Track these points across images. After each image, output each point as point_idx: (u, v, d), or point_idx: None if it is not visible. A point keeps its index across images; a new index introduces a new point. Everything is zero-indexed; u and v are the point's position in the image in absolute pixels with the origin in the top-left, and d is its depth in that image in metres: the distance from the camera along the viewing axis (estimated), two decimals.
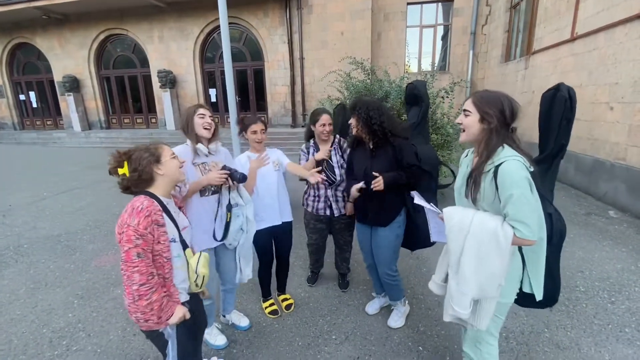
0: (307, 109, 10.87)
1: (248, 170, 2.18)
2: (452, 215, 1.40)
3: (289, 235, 2.49)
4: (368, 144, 2.15)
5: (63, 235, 4.10)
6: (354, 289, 2.83)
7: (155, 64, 11.69)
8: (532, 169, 1.29)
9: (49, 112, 13.84)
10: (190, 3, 10.60)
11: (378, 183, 1.96)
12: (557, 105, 1.45)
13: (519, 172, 1.24)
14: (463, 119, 1.40)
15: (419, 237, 2.16)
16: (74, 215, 4.80)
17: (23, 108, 14.07)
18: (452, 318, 1.45)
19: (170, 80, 11.44)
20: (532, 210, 1.24)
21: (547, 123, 1.50)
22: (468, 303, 1.36)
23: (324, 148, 2.47)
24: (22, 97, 13.83)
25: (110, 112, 13.20)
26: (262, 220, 2.27)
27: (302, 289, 2.86)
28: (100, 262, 3.41)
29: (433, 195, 2.16)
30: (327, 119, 2.43)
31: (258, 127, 2.20)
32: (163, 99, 11.71)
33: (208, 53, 11.65)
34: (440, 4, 10.43)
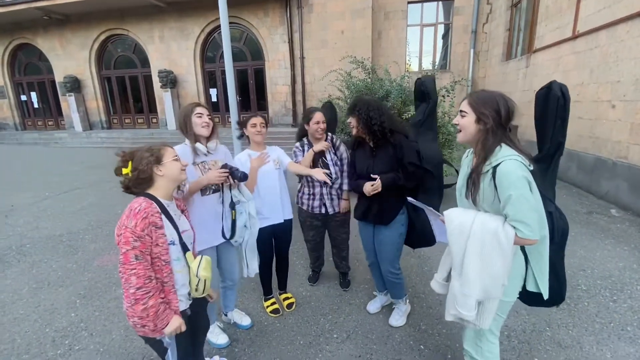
0: None
1: (249, 169, 2.18)
2: (452, 219, 1.40)
3: (289, 233, 2.51)
4: (369, 144, 2.15)
5: (65, 235, 4.11)
6: (355, 288, 2.83)
7: (156, 64, 11.71)
8: (531, 168, 1.28)
9: (51, 112, 13.88)
10: (191, 3, 10.60)
11: (375, 185, 1.97)
12: (550, 104, 1.44)
13: (517, 172, 1.23)
14: (460, 120, 1.40)
15: (419, 235, 2.18)
16: (76, 215, 4.82)
17: (24, 108, 14.11)
18: (453, 318, 1.45)
19: (171, 80, 11.45)
20: (531, 210, 1.24)
21: (542, 122, 1.50)
22: (473, 305, 1.35)
23: (321, 142, 2.47)
24: (23, 97, 13.87)
25: (112, 112, 13.22)
26: (264, 219, 2.29)
27: (303, 288, 2.86)
28: (102, 261, 3.43)
29: (438, 195, 2.15)
30: (320, 117, 2.44)
31: (257, 120, 2.21)
32: (164, 99, 11.73)
33: (209, 53, 11.66)
34: (441, 3, 10.40)
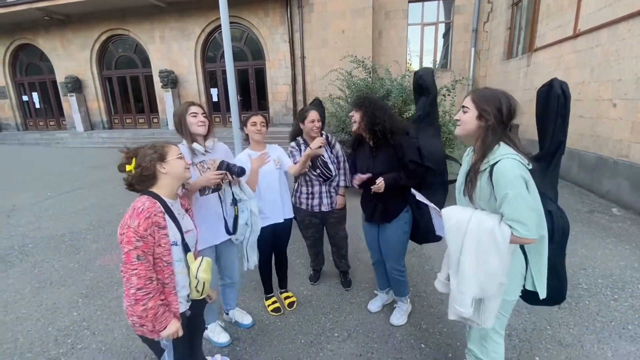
0: None
1: (249, 170, 2.19)
2: (450, 216, 1.40)
3: (289, 231, 2.52)
4: (368, 143, 2.14)
5: (67, 235, 4.13)
6: (356, 287, 2.83)
7: (157, 64, 11.72)
8: (530, 167, 1.27)
9: (52, 112, 13.91)
10: (191, 3, 10.60)
11: (378, 185, 1.97)
12: (551, 102, 1.43)
13: (514, 170, 1.23)
14: (461, 115, 1.40)
15: (424, 233, 2.17)
16: (78, 215, 4.83)
17: (26, 109, 14.14)
18: (456, 317, 1.45)
19: (172, 80, 11.47)
20: (528, 209, 1.23)
21: (543, 120, 1.49)
22: (469, 302, 1.36)
23: (317, 139, 2.40)
24: (25, 98, 13.90)
25: (113, 112, 13.24)
26: (265, 218, 2.29)
27: (304, 287, 2.87)
28: (104, 261, 3.44)
29: (442, 191, 2.14)
30: (315, 115, 2.44)
31: (257, 118, 2.22)
32: (165, 99, 11.74)
33: (209, 53, 11.67)
34: (442, 2, 10.38)
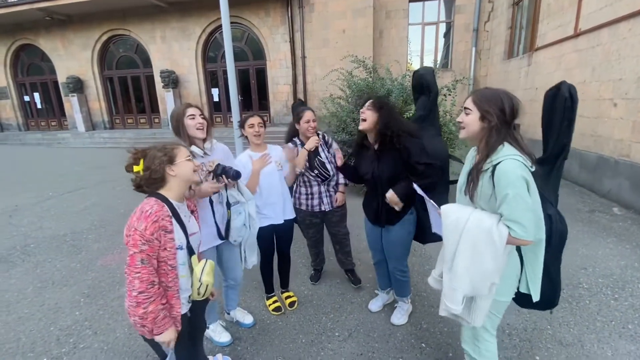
0: None
1: (250, 171, 2.19)
2: (449, 214, 1.41)
3: (291, 232, 2.52)
4: (373, 146, 2.09)
5: (69, 235, 4.14)
6: (357, 287, 2.83)
7: (158, 64, 11.73)
8: (532, 169, 1.27)
9: (53, 112, 13.95)
10: (192, 3, 10.61)
11: (395, 203, 1.97)
12: (558, 105, 1.43)
13: (516, 171, 1.23)
14: (464, 117, 1.40)
15: (428, 231, 2.15)
16: (80, 215, 4.85)
17: (27, 109, 14.19)
18: (447, 313, 1.46)
19: (173, 80, 11.49)
20: (527, 210, 1.23)
21: (549, 123, 1.49)
22: (460, 299, 1.37)
23: (311, 139, 2.42)
24: (26, 98, 13.95)
25: (114, 112, 13.28)
26: (265, 218, 2.30)
27: (305, 287, 2.88)
28: (106, 261, 3.45)
29: (445, 191, 2.14)
30: (310, 115, 2.43)
31: (255, 120, 2.19)
32: (166, 99, 11.77)
33: (210, 53, 11.68)
34: (442, 1, 10.37)
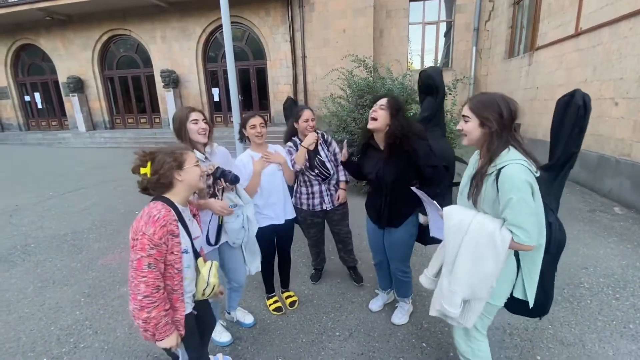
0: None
1: (251, 170, 2.18)
2: (452, 216, 1.40)
3: (291, 232, 2.52)
4: (379, 146, 2.04)
5: (69, 235, 4.14)
6: (357, 286, 2.83)
7: (158, 64, 11.73)
8: (537, 174, 1.26)
9: (54, 112, 13.94)
10: (192, 3, 10.60)
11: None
12: (570, 112, 1.42)
13: (520, 176, 1.22)
14: (463, 125, 1.39)
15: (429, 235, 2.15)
16: (80, 215, 4.85)
17: (28, 109, 14.18)
18: (438, 313, 1.46)
19: (173, 80, 11.48)
20: (531, 215, 1.22)
21: (558, 130, 1.47)
22: (459, 302, 1.36)
23: (309, 136, 2.40)
24: (27, 98, 13.94)
25: (114, 112, 13.27)
26: (266, 218, 2.29)
27: (305, 287, 2.87)
28: (106, 260, 3.45)
29: (450, 193, 2.12)
30: (309, 114, 2.42)
31: (257, 120, 2.16)
32: (166, 99, 11.75)
33: (210, 52, 11.67)
34: (443, 1, 10.35)
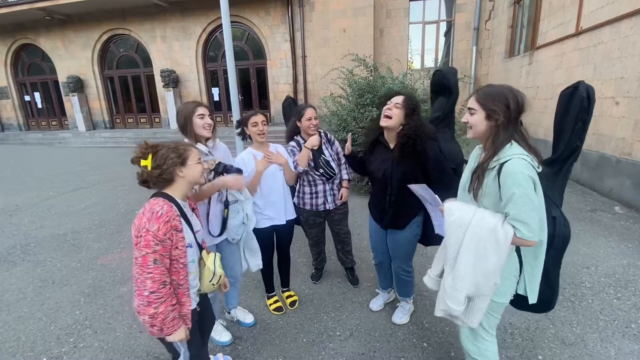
0: None
1: (251, 169, 2.17)
2: (452, 211, 1.38)
3: (291, 231, 2.51)
4: (390, 144, 2.00)
5: (69, 234, 4.14)
6: (358, 286, 2.83)
7: (158, 64, 11.73)
8: (539, 169, 1.25)
9: (54, 112, 13.94)
10: (192, 2, 10.60)
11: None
12: (573, 105, 1.39)
13: (523, 171, 1.20)
14: (469, 118, 1.36)
15: (431, 234, 2.13)
16: (80, 215, 4.84)
17: (28, 109, 14.18)
18: (443, 313, 1.44)
19: (173, 80, 11.48)
20: (533, 210, 1.21)
21: (561, 123, 1.45)
22: (462, 299, 1.34)
23: (312, 138, 2.38)
24: (27, 97, 13.94)
25: (114, 112, 13.27)
26: (267, 219, 2.28)
27: (306, 286, 2.87)
28: (106, 260, 3.44)
29: (454, 194, 2.12)
30: (312, 113, 2.39)
31: (258, 118, 2.15)
32: (166, 99, 11.76)
33: (210, 52, 11.67)
34: (443, 0, 10.35)
